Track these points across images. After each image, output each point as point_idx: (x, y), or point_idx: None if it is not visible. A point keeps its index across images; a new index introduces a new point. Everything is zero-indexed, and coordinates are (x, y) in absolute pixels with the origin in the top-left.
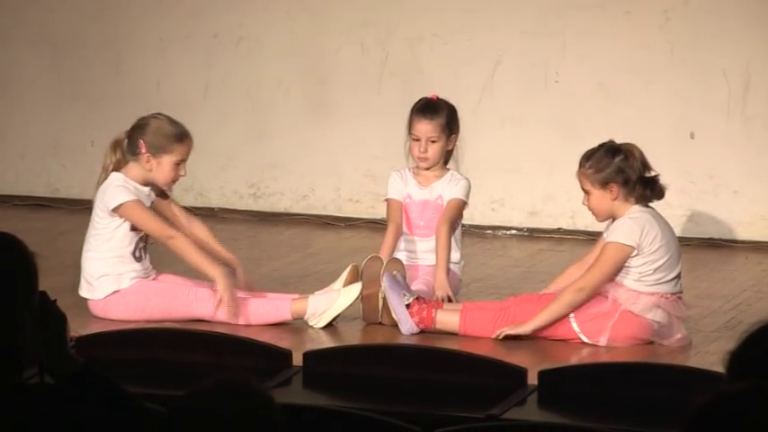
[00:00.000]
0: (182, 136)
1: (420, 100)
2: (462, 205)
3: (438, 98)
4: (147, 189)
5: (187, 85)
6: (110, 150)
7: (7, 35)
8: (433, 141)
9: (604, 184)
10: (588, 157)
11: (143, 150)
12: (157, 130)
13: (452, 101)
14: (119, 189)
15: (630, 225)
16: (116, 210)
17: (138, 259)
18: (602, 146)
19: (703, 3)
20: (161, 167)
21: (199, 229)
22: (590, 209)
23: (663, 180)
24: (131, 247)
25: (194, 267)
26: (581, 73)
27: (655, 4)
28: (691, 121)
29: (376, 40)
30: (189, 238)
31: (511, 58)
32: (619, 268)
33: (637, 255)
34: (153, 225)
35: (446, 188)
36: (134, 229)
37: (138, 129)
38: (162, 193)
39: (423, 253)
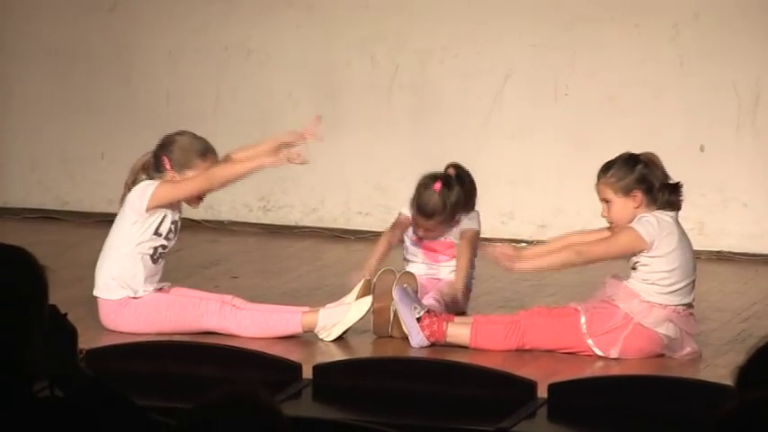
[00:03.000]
0: (205, 151)
1: (423, 183)
2: (477, 234)
3: (440, 190)
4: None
5: (197, 97)
6: (137, 168)
7: (17, 48)
8: (432, 231)
9: (628, 192)
10: (608, 167)
11: (167, 167)
12: (182, 147)
13: (462, 114)
14: (148, 185)
15: (654, 223)
16: (150, 202)
17: (156, 262)
18: (620, 157)
19: (713, 16)
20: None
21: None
22: (611, 220)
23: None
24: (151, 251)
25: (244, 173)
26: (591, 86)
27: (664, 17)
28: (700, 134)
29: (386, 53)
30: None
31: (520, 71)
32: (623, 254)
33: (648, 254)
34: (189, 184)
35: (453, 235)
36: (157, 233)
37: (163, 146)
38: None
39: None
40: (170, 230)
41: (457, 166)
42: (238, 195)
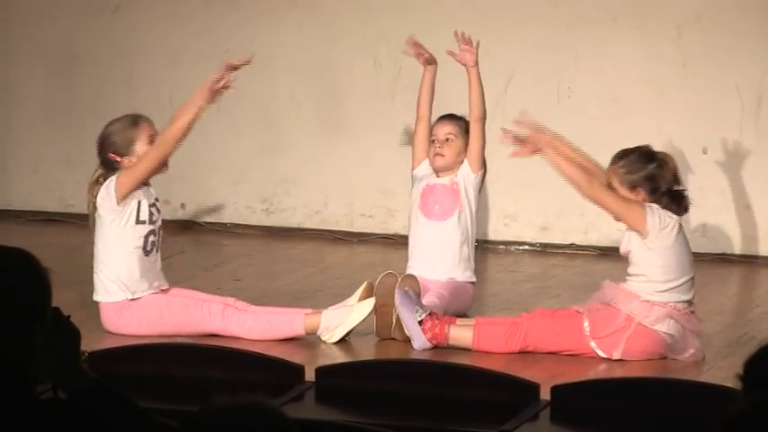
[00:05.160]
0: (135, 119)
1: None
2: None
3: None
4: (144, 188)
5: None
6: (92, 185)
7: (20, 50)
8: (449, 139)
9: (632, 187)
10: (622, 156)
11: (117, 158)
12: (114, 132)
13: (465, 116)
14: (110, 181)
15: (657, 215)
16: (118, 192)
17: (148, 254)
18: (638, 148)
19: (716, 18)
20: (140, 156)
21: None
22: None
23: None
24: (141, 242)
25: (187, 124)
26: (594, 87)
27: (667, 18)
28: (703, 136)
29: (389, 55)
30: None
31: (524, 72)
32: (621, 216)
33: (643, 244)
34: (146, 160)
35: (461, 173)
36: (139, 221)
37: (101, 147)
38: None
39: (436, 264)
40: (151, 214)
41: None
42: (241, 197)
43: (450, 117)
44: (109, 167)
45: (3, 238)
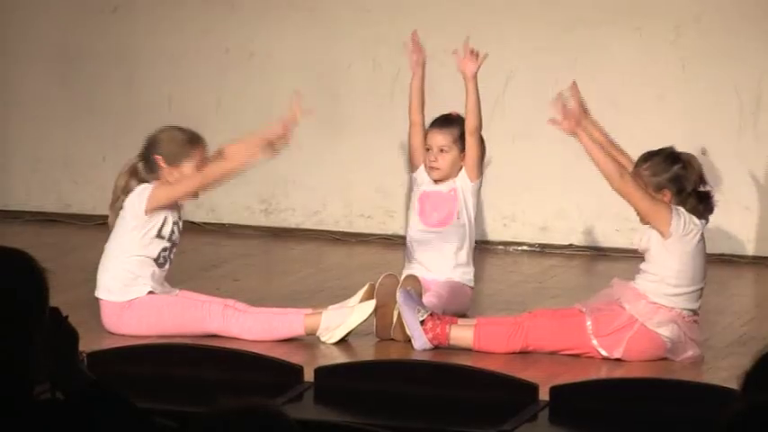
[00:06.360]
0: (194, 139)
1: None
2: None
3: (457, 114)
4: (176, 207)
5: (199, 100)
6: (126, 174)
7: (19, 50)
8: (443, 151)
9: (658, 189)
10: (647, 158)
11: (162, 164)
12: (170, 141)
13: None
14: (145, 188)
15: (682, 219)
16: (149, 204)
17: (161, 266)
18: (662, 150)
19: (715, 18)
20: (184, 175)
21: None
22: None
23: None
24: (155, 256)
25: (239, 170)
26: (592, 89)
27: (666, 19)
28: (702, 137)
29: (388, 55)
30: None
31: (522, 73)
32: (646, 213)
33: (662, 245)
34: (186, 183)
35: (459, 180)
36: (160, 236)
37: (150, 146)
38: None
39: (434, 269)
40: (172, 232)
41: None
42: (240, 198)
43: (443, 125)
44: (148, 164)
45: (1, 238)
